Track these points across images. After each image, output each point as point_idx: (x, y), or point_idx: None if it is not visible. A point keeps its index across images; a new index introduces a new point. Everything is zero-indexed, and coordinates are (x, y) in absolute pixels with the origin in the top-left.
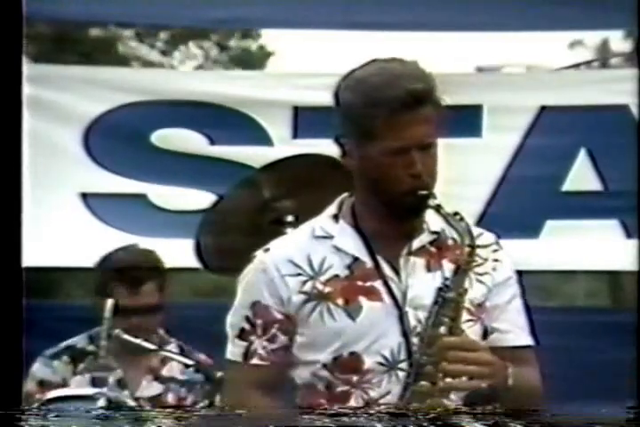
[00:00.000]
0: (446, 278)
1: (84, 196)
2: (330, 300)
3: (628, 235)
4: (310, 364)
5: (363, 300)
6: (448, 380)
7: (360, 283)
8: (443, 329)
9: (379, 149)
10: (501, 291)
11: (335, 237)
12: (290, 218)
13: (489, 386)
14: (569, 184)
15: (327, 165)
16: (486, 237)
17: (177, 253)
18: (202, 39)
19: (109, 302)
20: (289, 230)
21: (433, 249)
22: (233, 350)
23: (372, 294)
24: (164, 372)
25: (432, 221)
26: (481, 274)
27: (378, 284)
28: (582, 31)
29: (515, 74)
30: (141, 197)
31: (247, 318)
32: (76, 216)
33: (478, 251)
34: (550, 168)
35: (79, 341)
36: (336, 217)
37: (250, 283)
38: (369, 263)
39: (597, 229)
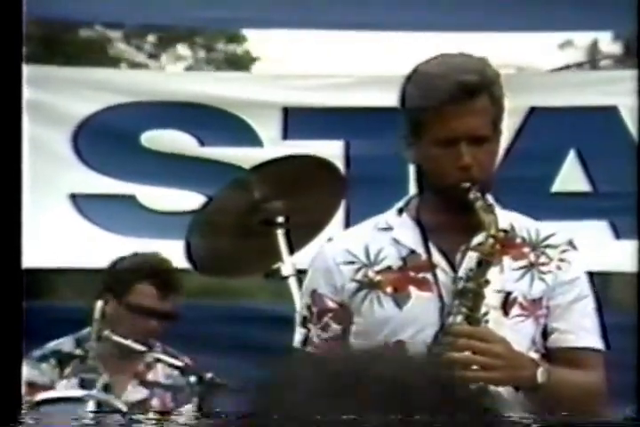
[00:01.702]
0: (470, 269)
1: (74, 197)
2: (380, 288)
3: (618, 236)
4: None
5: (413, 289)
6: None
7: (412, 274)
8: (459, 319)
9: (429, 140)
10: (565, 291)
11: (395, 229)
12: (280, 219)
13: (502, 381)
14: (558, 185)
15: (317, 165)
16: (558, 237)
17: (166, 254)
18: (189, 42)
19: (99, 304)
20: (279, 231)
21: (497, 246)
22: (295, 337)
23: (422, 284)
24: (150, 376)
25: (500, 218)
26: (544, 272)
27: (430, 275)
28: (572, 32)
29: (505, 75)
30: (130, 198)
31: (307, 306)
32: (65, 217)
33: (547, 251)
34: (540, 169)
35: (65, 344)
36: (401, 211)
37: (311, 271)
38: (424, 255)
39: (587, 230)
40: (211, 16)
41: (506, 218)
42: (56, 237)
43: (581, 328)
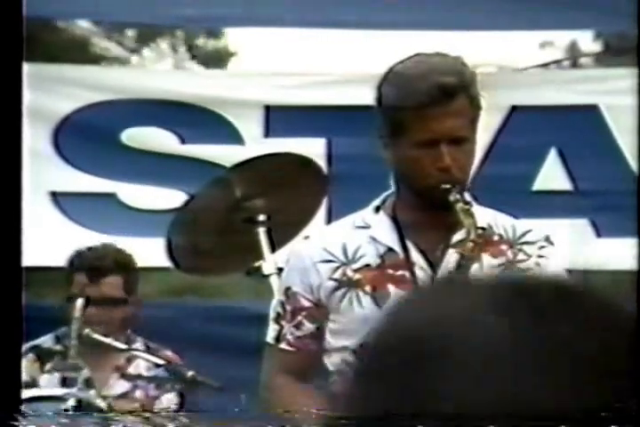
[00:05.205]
0: (450, 272)
1: (54, 194)
2: (359, 287)
3: (598, 234)
4: (341, 350)
5: (391, 288)
6: None
7: (391, 271)
8: None
9: (409, 141)
10: None
11: (372, 227)
12: (261, 217)
13: None
14: (539, 183)
15: (299, 164)
16: (535, 234)
17: (147, 252)
18: (169, 37)
19: (79, 302)
20: (260, 229)
21: (475, 249)
22: (269, 333)
23: (401, 282)
24: (131, 369)
25: (478, 216)
26: (523, 270)
27: (408, 273)
28: (553, 31)
29: (486, 73)
30: (111, 196)
31: (282, 303)
32: (45, 215)
33: (524, 247)
34: (521, 168)
35: (45, 341)
36: (378, 209)
37: (287, 268)
38: (401, 254)
39: (567, 229)
40: (192, 14)
41: (484, 216)
42: (36, 235)
43: None
